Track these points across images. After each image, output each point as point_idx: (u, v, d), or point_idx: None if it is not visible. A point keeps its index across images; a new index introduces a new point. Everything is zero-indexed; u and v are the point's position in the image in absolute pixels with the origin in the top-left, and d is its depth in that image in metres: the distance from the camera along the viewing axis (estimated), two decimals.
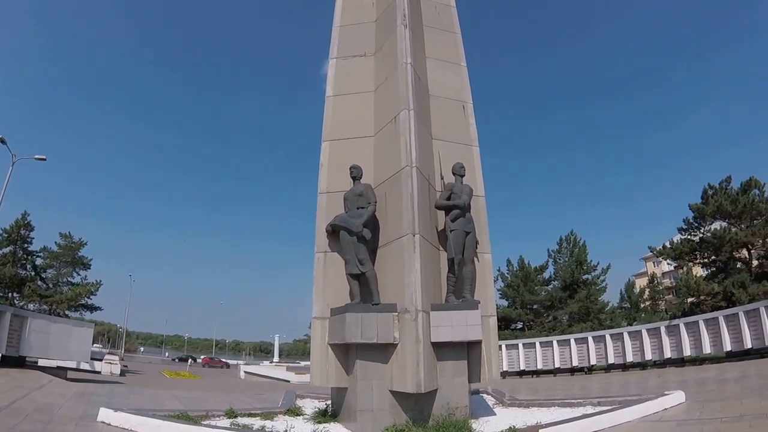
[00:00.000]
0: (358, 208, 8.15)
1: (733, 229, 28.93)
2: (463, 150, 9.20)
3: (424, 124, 8.81)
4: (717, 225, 29.93)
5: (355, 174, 8.51)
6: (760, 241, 28.27)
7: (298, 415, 9.01)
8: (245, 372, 32.98)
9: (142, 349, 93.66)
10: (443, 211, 8.40)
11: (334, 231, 8.30)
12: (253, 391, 16.26)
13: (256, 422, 7.88)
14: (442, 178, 8.85)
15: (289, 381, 25.13)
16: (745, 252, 29.28)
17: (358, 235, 7.90)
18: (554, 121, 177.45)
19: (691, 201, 30.73)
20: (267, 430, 7.10)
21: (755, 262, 28.83)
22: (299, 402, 10.84)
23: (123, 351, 62.41)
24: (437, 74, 9.76)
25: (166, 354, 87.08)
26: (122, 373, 26.09)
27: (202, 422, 7.39)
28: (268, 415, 8.63)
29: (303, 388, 14.52)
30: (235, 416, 8.32)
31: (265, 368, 37.54)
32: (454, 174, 8.62)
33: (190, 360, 58.74)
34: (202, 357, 59.48)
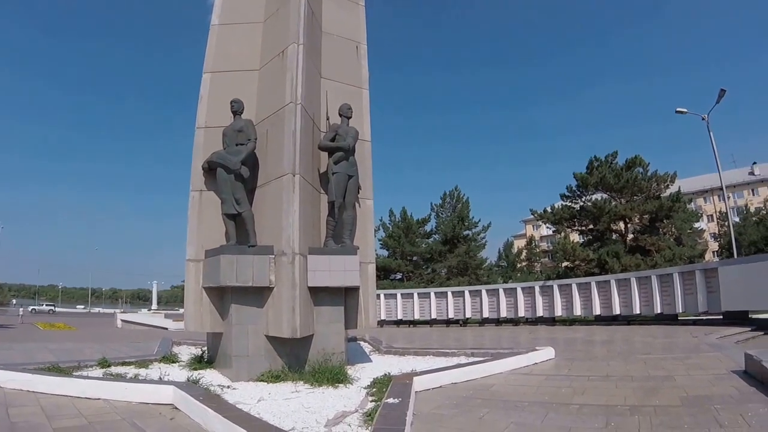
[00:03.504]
0: (237, 145, 7.61)
1: (613, 202, 31.05)
2: (353, 92, 8.85)
3: (313, 61, 8.34)
4: (598, 196, 31.97)
5: (236, 108, 7.91)
6: (638, 217, 30.58)
7: (173, 362, 8.75)
8: (122, 321, 31.28)
9: (14, 301, 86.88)
10: (326, 153, 8.09)
11: (210, 168, 7.74)
12: (129, 339, 15.48)
13: (130, 371, 7.47)
14: (327, 119, 8.47)
15: (167, 329, 24.16)
16: (622, 225, 31.60)
17: (236, 173, 7.42)
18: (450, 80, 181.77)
19: (576, 171, 32.67)
20: (140, 378, 6.68)
21: (630, 236, 31.21)
22: (176, 349, 10.62)
23: None
24: (333, 11, 9.22)
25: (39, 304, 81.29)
26: None
27: (74, 373, 6.90)
28: (143, 364, 8.27)
29: (180, 336, 14.17)
30: (108, 366, 7.87)
31: (142, 316, 36.11)
32: (340, 115, 8.26)
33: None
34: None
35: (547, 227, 43.50)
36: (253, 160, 7.77)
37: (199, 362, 8.19)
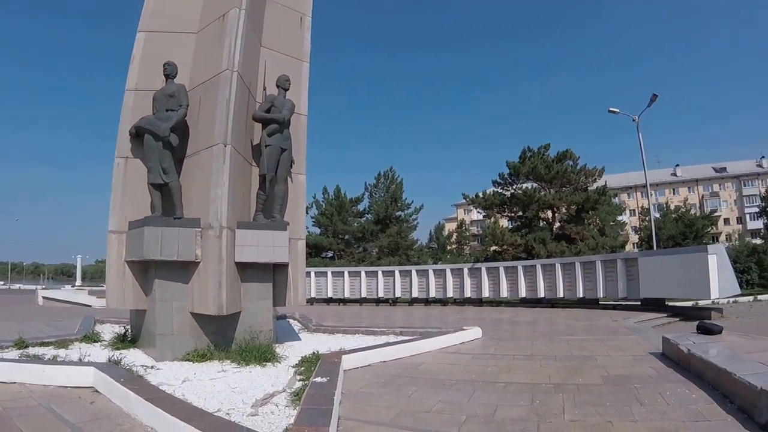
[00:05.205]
0: (167, 111, 7.16)
1: (543, 192, 32.46)
2: (293, 64, 8.53)
3: (254, 28, 7.97)
4: (529, 185, 33.26)
5: (169, 72, 7.41)
6: (565, 207, 32.10)
7: (95, 341, 8.35)
8: (44, 297, 29.41)
9: None
10: (260, 125, 7.78)
11: (138, 134, 7.26)
12: (50, 318, 14.55)
13: (49, 351, 7.03)
14: (264, 89, 8.13)
15: (90, 306, 22.89)
16: (549, 213, 33.15)
17: (164, 141, 6.98)
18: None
19: (509, 159, 33.77)
20: (60, 359, 6.30)
21: (557, 224, 32.82)
22: (98, 328, 10.16)
23: None
24: None
25: None
26: None
27: None
28: (63, 344, 7.80)
29: (104, 313, 13.56)
30: (26, 346, 7.37)
31: (65, 293, 33.99)
32: (277, 86, 7.96)
33: None
34: None
35: (478, 212, 44.80)
36: (184, 128, 7.36)
37: (122, 341, 7.85)
